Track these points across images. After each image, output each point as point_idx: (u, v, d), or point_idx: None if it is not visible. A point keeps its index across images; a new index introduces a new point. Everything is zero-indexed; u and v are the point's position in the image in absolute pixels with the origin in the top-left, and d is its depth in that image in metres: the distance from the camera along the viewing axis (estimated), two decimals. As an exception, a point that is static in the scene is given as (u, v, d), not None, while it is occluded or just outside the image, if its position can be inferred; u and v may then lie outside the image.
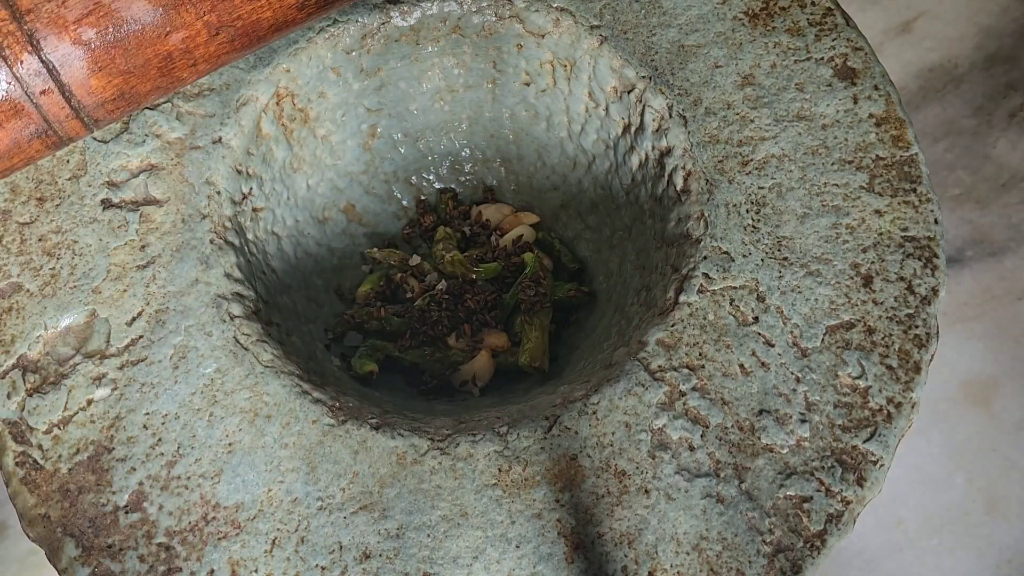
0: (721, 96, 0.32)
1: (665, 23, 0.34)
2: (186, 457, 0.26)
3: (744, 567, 0.25)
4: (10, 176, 0.31)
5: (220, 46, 0.27)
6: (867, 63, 0.32)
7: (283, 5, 0.27)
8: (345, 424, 0.27)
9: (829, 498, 0.26)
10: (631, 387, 0.27)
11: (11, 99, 0.24)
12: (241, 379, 0.28)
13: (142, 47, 0.25)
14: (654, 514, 0.26)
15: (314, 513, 0.26)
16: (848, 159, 0.31)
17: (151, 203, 0.31)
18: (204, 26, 0.26)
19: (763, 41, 0.33)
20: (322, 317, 0.36)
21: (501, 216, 0.40)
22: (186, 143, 0.32)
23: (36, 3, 0.24)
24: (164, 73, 0.26)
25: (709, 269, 0.29)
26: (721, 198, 0.30)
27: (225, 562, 0.25)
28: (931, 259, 0.29)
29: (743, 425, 0.27)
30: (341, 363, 0.35)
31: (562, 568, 0.25)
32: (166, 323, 0.28)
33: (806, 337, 0.28)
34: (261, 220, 0.34)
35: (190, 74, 0.27)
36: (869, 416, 0.27)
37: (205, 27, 0.26)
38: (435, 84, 0.39)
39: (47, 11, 0.24)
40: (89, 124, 0.26)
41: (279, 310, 0.33)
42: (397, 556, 0.25)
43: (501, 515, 0.26)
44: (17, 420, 0.27)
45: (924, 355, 0.28)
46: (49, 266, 0.29)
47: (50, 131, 0.26)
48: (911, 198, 0.30)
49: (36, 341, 0.28)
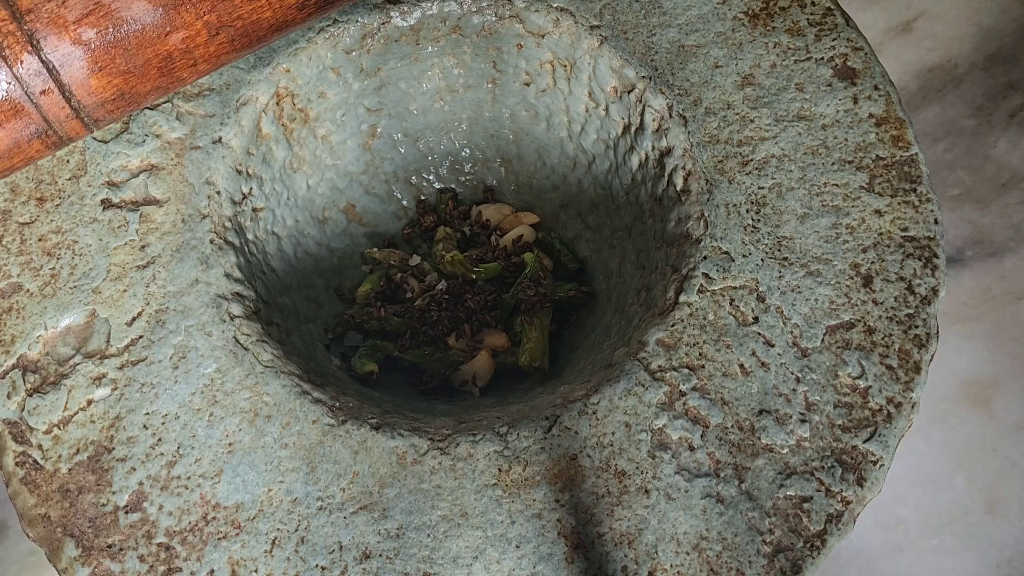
0: (721, 96, 0.32)
1: (665, 23, 0.34)
2: (186, 457, 0.26)
3: (744, 567, 0.25)
4: (10, 176, 0.31)
5: (220, 46, 0.27)
6: (867, 63, 0.32)
7: (283, 5, 0.27)
8: (345, 424, 0.27)
9: (829, 498, 0.26)
10: (631, 387, 0.27)
11: (11, 99, 0.24)
12: (241, 379, 0.28)
13: (142, 47, 0.25)
14: (654, 514, 0.26)
15: (314, 513, 0.26)
16: (848, 159, 0.31)
17: (151, 203, 0.31)
18: (204, 26, 0.26)
19: (763, 41, 0.33)
20: (322, 317, 0.36)
21: (501, 216, 0.40)
22: (186, 143, 0.32)
23: (36, 3, 0.24)
24: (164, 73, 0.26)
25: (709, 269, 0.29)
26: (721, 198, 0.30)
27: (225, 562, 0.25)
28: (931, 259, 0.29)
29: (743, 425, 0.27)
30: (341, 363, 0.35)
31: (562, 568, 0.25)
32: (166, 323, 0.28)
33: (806, 337, 0.28)
34: (261, 220, 0.34)
35: (190, 74, 0.27)
36: (869, 416, 0.27)
37: (205, 27, 0.26)
38: (435, 84, 0.39)
39: (47, 11, 0.24)
40: (89, 124, 0.26)
41: (279, 310, 0.33)
42: (397, 556, 0.25)
43: (501, 515, 0.26)
44: (17, 420, 0.27)
45: (924, 355, 0.28)
46: (49, 266, 0.29)
47: (50, 131, 0.26)
48: (911, 198, 0.30)
49: (36, 341, 0.28)
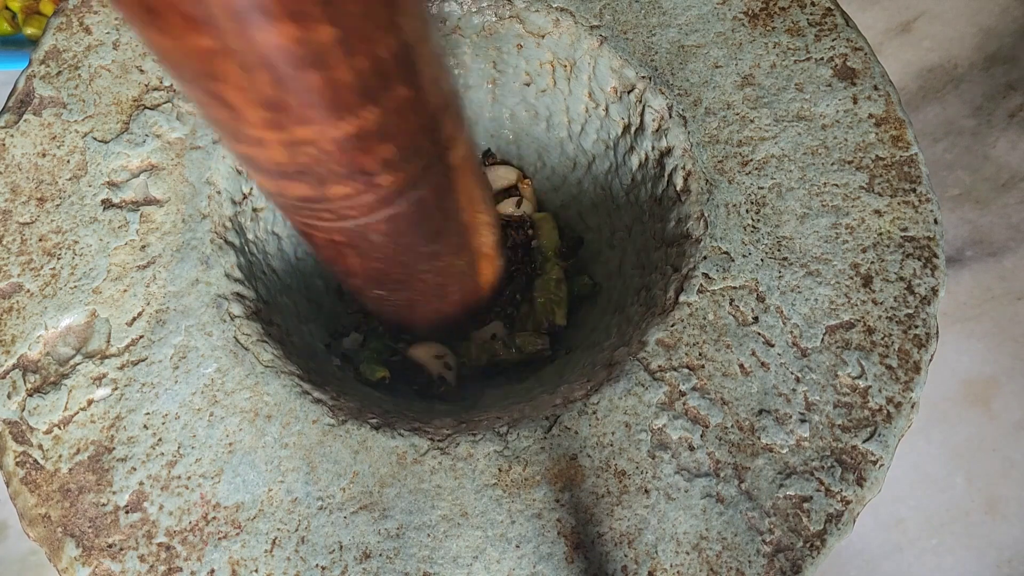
0: (721, 96, 0.32)
1: (665, 23, 0.34)
2: (186, 457, 0.27)
3: (744, 567, 0.25)
4: (10, 176, 0.31)
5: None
6: (867, 63, 0.32)
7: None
8: (345, 424, 0.27)
9: (829, 498, 0.26)
10: (631, 387, 0.27)
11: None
12: (241, 379, 0.28)
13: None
14: (654, 514, 0.26)
15: (314, 513, 0.26)
16: (848, 159, 0.31)
17: (151, 203, 0.31)
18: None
19: (763, 41, 0.33)
20: (322, 317, 0.36)
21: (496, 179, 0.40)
22: (186, 143, 0.32)
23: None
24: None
25: (709, 269, 0.29)
26: (721, 198, 0.30)
27: (225, 562, 0.25)
28: (931, 259, 0.29)
29: (743, 425, 0.27)
30: (342, 363, 0.35)
31: (562, 568, 0.25)
32: (166, 323, 0.28)
33: (806, 337, 0.28)
34: (261, 220, 0.34)
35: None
36: (869, 416, 0.27)
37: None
38: (435, 84, 0.39)
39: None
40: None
41: (279, 310, 0.33)
42: (397, 556, 0.25)
43: (501, 515, 0.26)
44: (17, 420, 0.27)
45: (924, 355, 0.28)
46: (49, 266, 0.29)
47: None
48: (911, 198, 0.30)
49: (36, 341, 0.28)
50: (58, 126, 0.31)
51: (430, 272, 0.29)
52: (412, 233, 0.25)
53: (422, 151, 0.22)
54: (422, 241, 0.26)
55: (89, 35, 0.33)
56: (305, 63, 0.17)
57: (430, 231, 0.26)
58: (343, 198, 0.22)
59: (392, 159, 0.21)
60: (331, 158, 0.20)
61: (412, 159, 0.22)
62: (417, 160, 0.22)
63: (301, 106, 0.18)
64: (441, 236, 0.27)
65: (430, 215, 0.25)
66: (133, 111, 0.32)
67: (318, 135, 0.19)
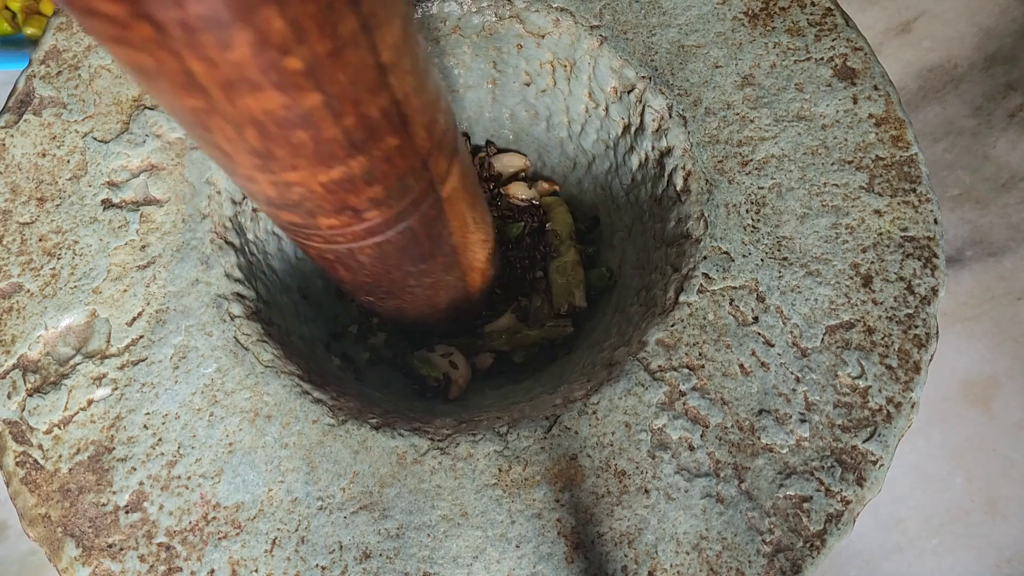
0: (721, 96, 0.32)
1: (665, 23, 0.34)
2: (186, 457, 0.27)
3: (744, 567, 0.25)
4: (10, 176, 0.31)
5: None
6: (867, 63, 0.32)
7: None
8: (345, 424, 0.27)
9: (829, 498, 0.26)
10: (631, 387, 0.27)
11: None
12: (241, 379, 0.28)
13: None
14: (654, 514, 0.26)
15: (314, 513, 0.26)
16: (848, 159, 0.31)
17: (151, 203, 0.31)
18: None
19: (763, 41, 0.33)
20: (322, 317, 0.36)
21: (503, 167, 0.40)
22: (186, 143, 0.32)
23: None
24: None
25: (709, 269, 0.29)
26: (721, 198, 0.30)
27: (225, 562, 0.25)
28: (931, 259, 0.29)
29: (743, 425, 0.27)
30: (341, 363, 0.35)
31: (562, 568, 0.25)
32: (166, 323, 0.28)
33: (806, 337, 0.28)
34: (261, 220, 0.34)
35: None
36: (869, 416, 0.27)
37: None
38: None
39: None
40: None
41: (279, 310, 0.33)
42: (397, 556, 0.25)
43: (501, 515, 0.26)
44: (17, 420, 0.27)
45: (924, 355, 0.28)
46: (49, 266, 0.29)
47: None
48: (911, 198, 0.30)
49: (36, 341, 0.28)
50: (58, 126, 0.31)
51: (419, 287, 0.29)
52: (400, 257, 0.26)
53: (411, 190, 0.22)
54: (410, 263, 0.27)
55: (89, 35, 0.33)
56: (292, 125, 0.17)
57: (418, 255, 0.26)
58: (331, 228, 0.23)
59: (379, 198, 0.22)
60: (319, 197, 0.21)
61: (401, 197, 0.22)
62: (406, 197, 0.23)
63: (289, 156, 0.18)
64: (430, 258, 0.27)
65: (419, 242, 0.25)
66: (133, 111, 0.32)
67: (306, 179, 0.20)
